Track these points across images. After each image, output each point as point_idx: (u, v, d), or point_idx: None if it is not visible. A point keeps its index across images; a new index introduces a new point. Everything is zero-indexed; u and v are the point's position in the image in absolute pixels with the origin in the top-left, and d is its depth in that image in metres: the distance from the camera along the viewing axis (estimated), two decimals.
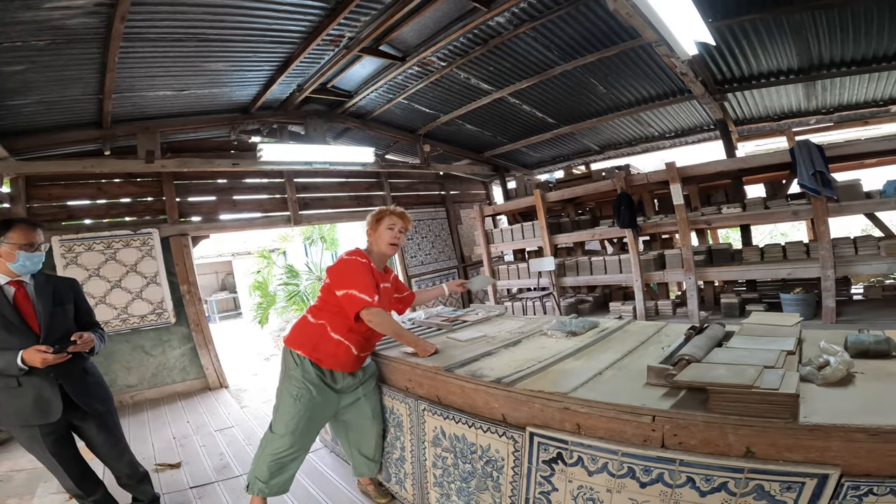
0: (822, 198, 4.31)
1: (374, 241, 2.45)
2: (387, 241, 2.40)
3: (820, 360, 1.48)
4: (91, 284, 4.85)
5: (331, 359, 2.29)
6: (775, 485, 1.23)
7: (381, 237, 2.41)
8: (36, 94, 3.79)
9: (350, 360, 2.33)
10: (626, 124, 6.61)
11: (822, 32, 4.14)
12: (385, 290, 2.45)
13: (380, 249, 2.43)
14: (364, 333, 2.31)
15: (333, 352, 2.28)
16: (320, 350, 2.28)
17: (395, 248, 2.45)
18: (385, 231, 2.41)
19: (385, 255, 2.47)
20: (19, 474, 3.26)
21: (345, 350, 2.29)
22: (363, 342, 2.36)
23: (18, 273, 2.11)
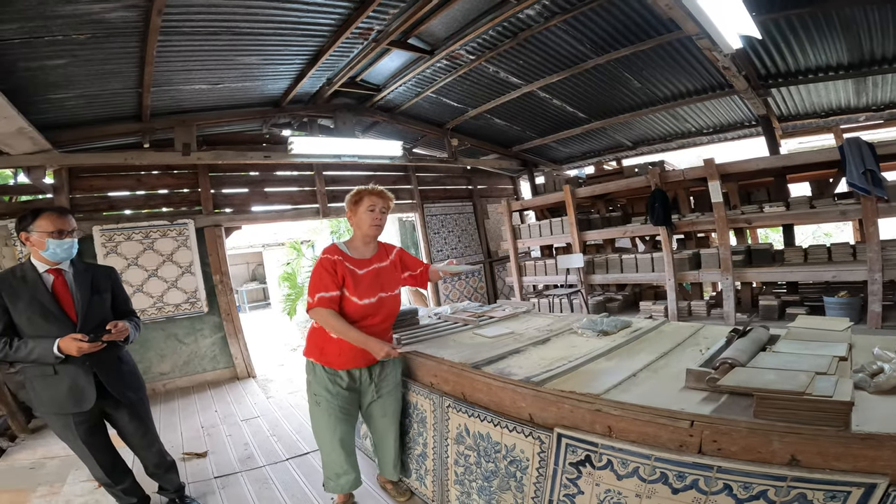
0: (872, 197, 4.09)
1: (355, 225, 2.32)
2: (368, 224, 2.27)
3: (873, 366, 1.39)
4: (129, 273, 5.00)
5: (338, 358, 2.23)
6: (819, 494, 1.17)
7: (361, 220, 2.28)
8: (77, 87, 3.91)
9: (357, 354, 2.23)
10: (661, 119, 6.41)
11: (873, 27, 3.94)
12: (379, 273, 2.32)
13: (362, 233, 2.29)
14: (366, 325, 2.24)
15: (338, 351, 2.22)
16: (327, 352, 2.24)
17: (378, 230, 2.32)
18: (365, 214, 2.26)
19: (370, 239, 2.33)
20: (52, 461, 3.33)
21: (348, 346, 2.21)
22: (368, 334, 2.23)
23: (51, 260, 2.12)
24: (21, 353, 2.00)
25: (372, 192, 2.29)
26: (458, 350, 2.39)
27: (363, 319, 2.22)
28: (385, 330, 2.38)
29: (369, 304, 2.23)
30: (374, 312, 2.26)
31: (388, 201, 2.33)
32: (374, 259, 2.34)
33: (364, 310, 2.22)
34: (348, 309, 2.20)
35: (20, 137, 3.81)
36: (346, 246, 2.30)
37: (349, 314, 2.20)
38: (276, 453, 3.32)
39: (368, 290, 2.23)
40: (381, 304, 2.28)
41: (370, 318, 2.25)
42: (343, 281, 2.18)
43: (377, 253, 2.38)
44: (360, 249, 2.32)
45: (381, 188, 2.33)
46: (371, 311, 2.25)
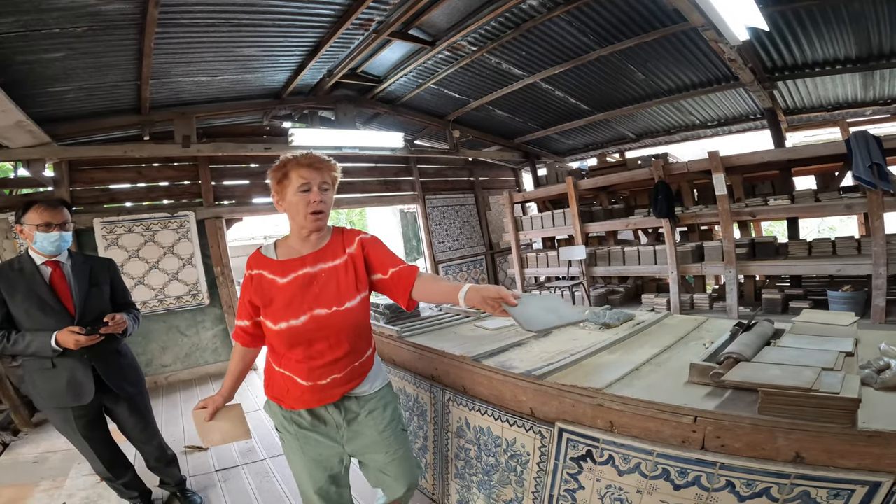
0: (879, 191, 4.05)
1: (288, 214, 1.59)
2: (304, 211, 1.53)
3: (880, 362, 1.37)
4: (130, 265, 5.00)
5: (287, 396, 1.61)
6: (822, 491, 1.16)
7: (293, 206, 1.54)
8: (76, 80, 3.88)
9: (305, 393, 1.57)
10: (665, 112, 6.35)
11: (882, 21, 3.88)
12: (314, 279, 1.57)
13: (297, 224, 1.58)
14: (302, 357, 1.56)
15: (285, 386, 1.60)
16: (274, 387, 1.65)
17: (321, 219, 1.57)
18: (296, 196, 1.52)
19: (309, 232, 1.59)
20: (54, 456, 3.34)
21: (291, 383, 1.58)
22: (309, 369, 1.56)
23: (42, 253, 2.10)
24: (19, 346, 2.00)
25: (300, 162, 1.53)
26: (459, 342, 2.37)
27: (290, 353, 1.56)
28: (340, 367, 1.59)
29: (290, 329, 1.52)
30: (304, 341, 1.54)
31: (329, 172, 1.59)
32: (312, 259, 1.60)
33: (285, 337, 1.53)
34: (271, 339, 1.60)
35: (19, 131, 3.79)
36: (275, 247, 1.66)
37: (271, 345, 1.63)
38: (277, 446, 3.32)
39: (289, 307, 1.53)
40: (319, 327, 1.53)
41: (300, 348, 1.54)
42: (256, 302, 1.60)
43: (322, 249, 1.63)
44: (296, 247, 1.63)
45: (313, 154, 1.57)
46: (298, 339, 1.53)
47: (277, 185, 1.57)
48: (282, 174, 1.55)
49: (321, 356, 1.56)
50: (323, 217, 1.57)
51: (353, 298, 1.59)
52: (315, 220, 1.55)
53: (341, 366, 1.60)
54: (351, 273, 1.62)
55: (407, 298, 1.60)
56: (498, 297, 1.39)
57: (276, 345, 1.60)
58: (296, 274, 1.57)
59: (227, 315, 5.51)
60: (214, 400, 1.79)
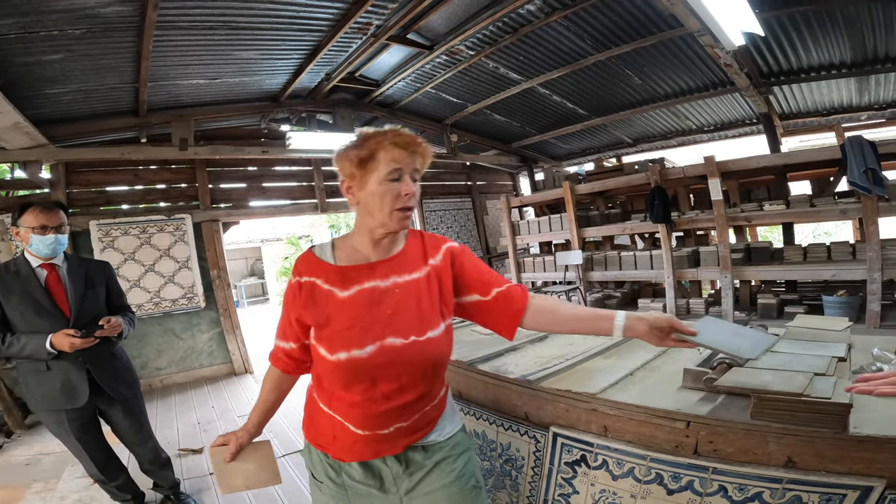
0: (873, 196, 4.07)
1: (362, 209, 1.19)
2: (391, 207, 1.13)
3: (872, 367, 1.38)
4: (126, 268, 4.99)
5: (333, 444, 1.22)
6: (814, 496, 1.16)
7: (375, 198, 1.14)
8: (74, 82, 3.88)
9: (357, 443, 1.19)
10: (662, 117, 6.39)
11: (877, 26, 3.91)
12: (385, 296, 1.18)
13: (376, 221, 1.16)
14: (361, 399, 1.16)
15: (332, 432, 1.22)
16: (318, 431, 1.27)
17: (409, 217, 1.18)
18: (383, 185, 1.13)
19: (386, 234, 1.20)
20: (47, 458, 3.33)
21: (341, 430, 1.20)
22: (367, 415, 1.16)
23: (38, 256, 2.10)
24: (14, 348, 1.99)
25: (396, 140, 1.14)
26: (455, 347, 2.36)
27: (345, 392, 1.17)
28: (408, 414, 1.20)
29: (353, 362, 1.12)
30: (367, 378, 1.14)
31: (423, 158, 1.19)
32: (382, 269, 1.20)
33: (343, 372, 1.14)
34: (322, 371, 1.21)
35: (16, 132, 3.79)
36: (332, 249, 1.26)
37: (319, 378, 1.25)
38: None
39: (352, 331, 1.14)
40: (390, 362, 1.14)
41: (359, 387, 1.15)
42: (305, 320, 1.21)
43: (396, 256, 1.23)
44: (363, 251, 1.23)
45: (409, 132, 1.17)
46: (360, 376, 1.14)
47: (357, 169, 1.14)
48: (366, 154, 1.13)
49: (386, 400, 1.16)
50: (409, 217, 1.18)
51: (436, 326, 1.20)
52: (402, 219, 1.16)
53: (410, 412, 1.20)
54: (435, 292, 1.23)
55: (515, 328, 1.29)
56: (669, 326, 1.20)
57: (327, 379, 1.20)
58: (360, 287, 1.18)
59: (222, 318, 5.50)
60: (238, 436, 1.41)
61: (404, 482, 1.24)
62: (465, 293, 1.30)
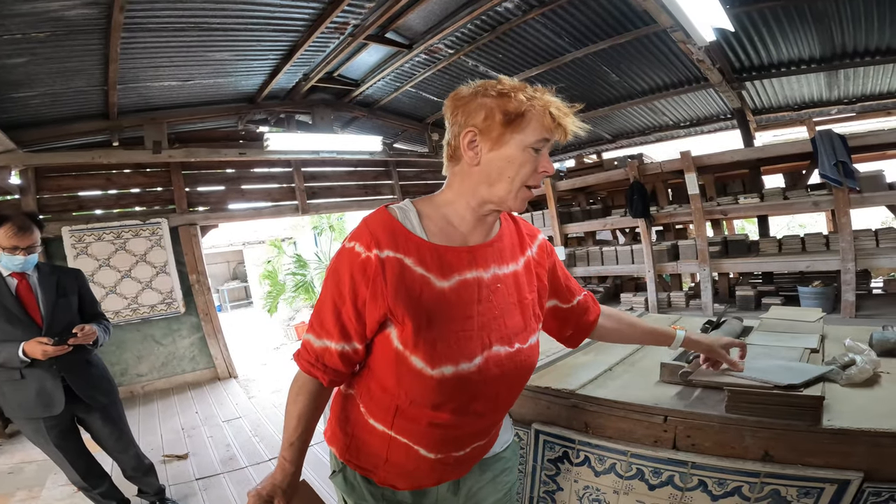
0: (844, 188, 4.17)
1: (478, 170, 0.94)
2: (521, 181, 0.92)
3: (845, 358, 1.40)
4: (101, 274, 4.87)
5: (383, 467, 1.02)
6: (792, 490, 1.17)
7: (510, 165, 0.92)
8: (40, 86, 3.79)
9: (421, 468, 1.01)
10: (640, 113, 6.46)
11: (845, 21, 4.00)
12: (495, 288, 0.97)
13: (496, 194, 0.94)
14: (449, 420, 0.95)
15: (384, 454, 1.01)
16: (363, 453, 1.04)
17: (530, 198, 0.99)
18: (525, 153, 0.91)
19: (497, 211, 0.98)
20: (29, 466, 3.29)
21: (405, 454, 0.99)
22: (445, 437, 0.98)
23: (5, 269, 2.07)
24: None
25: (560, 107, 0.94)
26: None
27: (440, 411, 0.94)
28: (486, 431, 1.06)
29: (460, 378, 0.91)
30: (469, 396, 0.95)
31: (567, 134, 0.97)
32: (484, 255, 0.99)
33: (445, 388, 0.91)
34: (404, 382, 0.93)
35: None
36: (418, 215, 0.98)
37: (405, 393, 0.94)
38: (258, 454, 3.28)
39: (460, 338, 0.91)
40: (498, 376, 0.96)
41: (451, 405, 0.94)
42: (386, 316, 0.90)
43: (496, 239, 1.02)
44: (460, 228, 0.98)
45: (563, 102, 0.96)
46: (462, 394, 0.94)
47: (498, 126, 0.90)
48: (515, 108, 0.89)
49: (478, 420, 0.98)
50: (530, 197, 0.98)
51: (535, 330, 1.05)
52: (524, 202, 0.95)
53: (492, 428, 1.06)
54: (535, 289, 1.05)
55: (583, 339, 1.19)
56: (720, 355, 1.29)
57: (406, 396, 0.94)
58: (462, 277, 0.93)
59: (204, 323, 5.41)
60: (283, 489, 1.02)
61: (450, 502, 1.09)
62: (552, 296, 1.13)
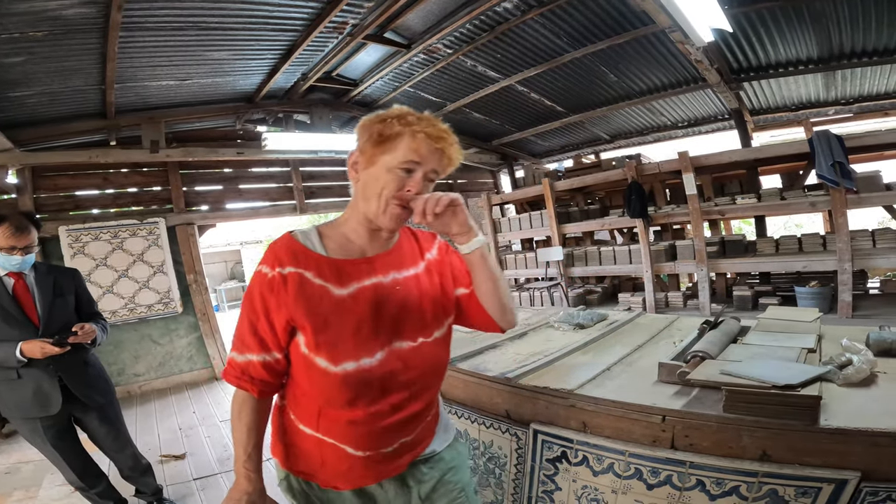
0: (841, 189, 4.19)
1: (360, 192, 1.06)
2: (386, 198, 1.01)
3: (842, 358, 1.40)
4: (98, 274, 4.86)
5: (322, 470, 1.09)
6: (790, 489, 1.17)
7: (377, 183, 1.01)
8: (38, 85, 3.77)
9: (355, 467, 1.07)
10: (638, 113, 6.47)
11: (843, 21, 4.00)
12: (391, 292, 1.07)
13: (370, 210, 1.03)
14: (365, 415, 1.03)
15: (318, 457, 1.08)
16: (301, 457, 1.11)
17: (404, 217, 1.04)
18: (391, 173, 1.00)
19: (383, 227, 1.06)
20: (26, 466, 3.29)
21: (334, 454, 1.06)
22: (370, 433, 1.05)
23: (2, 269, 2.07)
24: None
25: (427, 129, 1.01)
26: None
27: (346, 409, 1.03)
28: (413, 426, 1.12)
29: (362, 373, 1.01)
30: (377, 390, 1.03)
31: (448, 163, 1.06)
32: (382, 263, 1.09)
33: (350, 386, 1.01)
34: (315, 383, 1.03)
35: None
36: (318, 235, 1.08)
37: (306, 396, 1.07)
38: None
39: (359, 337, 1.01)
40: (402, 369, 1.06)
41: (364, 401, 1.03)
42: (290, 324, 1.01)
43: (393, 250, 1.13)
44: (357, 242, 1.09)
45: (442, 126, 1.05)
46: (369, 388, 1.02)
47: (371, 146, 1.02)
48: (389, 133, 1.00)
49: (394, 412, 1.05)
50: (408, 216, 1.04)
51: (441, 325, 1.14)
52: (396, 217, 1.02)
53: (415, 424, 1.12)
54: (437, 287, 1.15)
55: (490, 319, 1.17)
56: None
57: (322, 396, 1.03)
58: (360, 284, 1.04)
59: (201, 323, 5.40)
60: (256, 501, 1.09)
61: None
62: (456, 286, 1.20)
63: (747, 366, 1.36)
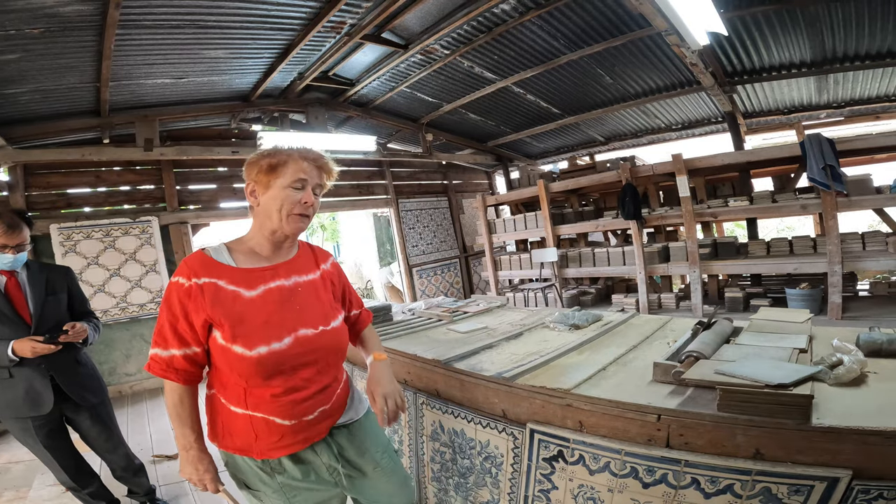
0: (832, 192, 4.24)
1: (261, 211, 1.31)
2: (288, 211, 1.28)
3: (833, 358, 1.43)
4: (90, 273, 4.82)
5: (256, 444, 1.28)
6: (783, 487, 1.19)
7: (275, 201, 1.28)
8: (32, 82, 3.74)
9: (286, 436, 1.28)
10: (633, 115, 6.51)
11: (836, 25, 4.05)
12: (293, 293, 1.34)
13: (272, 226, 1.30)
14: (282, 390, 1.26)
15: (253, 432, 1.27)
16: (235, 436, 1.29)
17: (306, 223, 1.34)
18: (286, 191, 1.28)
19: (284, 238, 1.34)
20: (17, 466, 3.26)
21: (264, 427, 1.26)
22: (290, 403, 1.27)
23: None
24: None
25: (305, 155, 1.32)
26: (431, 346, 2.37)
27: (271, 383, 1.24)
28: (327, 396, 1.36)
29: (273, 355, 1.22)
30: (288, 368, 1.26)
31: (328, 176, 1.40)
32: (284, 270, 1.35)
33: (265, 365, 1.22)
34: (234, 368, 1.23)
35: None
36: (227, 251, 1.33)
37: (230, 380, 1.27)
38: None
39: (270, 327, 1.24)
40: (307, 350, 1.29)
41: (289, 376, 1.26)
42: (207, 323, 1.23)
43: (294, 259, 1.40)
44: (262, 253, 1.35)
45: (318, 151, 1.38)
46: (281, 367, 1.24)
47: (264, 176, 1.29)
48: (276, 162, 1.28)
49: (307, 385, 1.29)
50: (306, 223, 1.34)
51: (336, 318, 1.41)
52: (298, 223, 1.31)
53: (329, 394, 1.36)
54: (329, 290, 1.44)
55: (355, 340, 1.60)
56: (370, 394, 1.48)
57: (244, 377, 1.23)
58: (267, 286, 1.29)
59: None
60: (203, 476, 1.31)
61: (340, 470, 1.40)
62: (351, 308, 1.55)
63: (741, 366, 1.38)
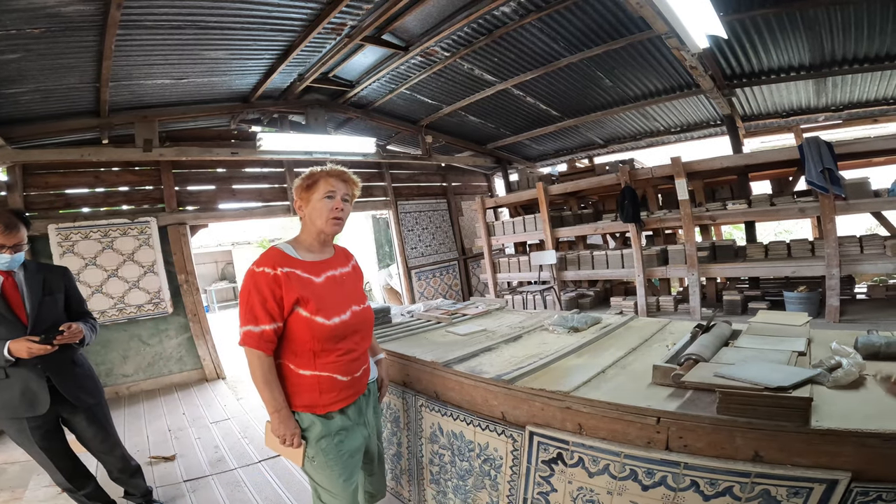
0: (830, 195, 4.25)
1: (307, 218, 1.73)
2: (326, 216, 1.67)
3: (831, 361, 1.43)
4: (88, 273, 4.80)
5: (321, 399, 1.63)
6: (782, 490, 1.19)
7: (316, 210, 1.68)
8: (32, 82, 3.72)
9: (344, 390, 1.67)
10: (632, 118, 6.53)
11: (835, 28, 4.07)
12: (343, 281, 1.77)
13: (317, 228, 1.70)
14: (344, 351, 1.66)
15: (319, 388, 1.62)
16: (303, 395, 1.63)
17: (340, 225, 1.73)
18: (321, 202, 1.67)
19: (325, 236, 1.73)
20: (12, 467, 3.24)
21: (329, 384, 1.63)
22: (348, 362, 1.68)
23: None
24: None
25: (330, 173, 1.71)
26: (430, 348, 2.37)
27: (338, 346, 1.65)
28: (365, 356, 1.81)
29: (342, 324, 1.64)
30: (350, 332, 1.68)
31: (352, 186, 1.77)
32: (333, 263, 1.78)
33: (337, 331, 1.63)
34: (315, 334, 1.59)
35: None
36: (293, 247, 1.71)
37: (317, 342, 1.61)
38: (248, 455, 3.26)
39: (337, 304, 1.66)
40: (357, 321, 1.72)
41: (348, 340, 1.67)
42: (297, 301, 1.59)
43: (335, 256, 1.82)
44: (315, 251, 1.75)
45: (342, 168, 1.75)
46: (347, 331, 1.66)
47: (304, 192, 1.72)
48: (311, 181, 1.71)
49: (357, 348, 1.72)
50: (341, 226, 1.74)
51: (366, 301, 1.84)
52: (334, 225, 1.71)
53: (367, 356, 1.83)
54: (359, 280, 1.89)
55: None
56: None
57: (320, 342, 1.61)
58: (327, 274, 1.72)
59: (191, 323, 5.36)
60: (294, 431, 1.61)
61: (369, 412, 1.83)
62: None
63: (740, 368, 1.38)
